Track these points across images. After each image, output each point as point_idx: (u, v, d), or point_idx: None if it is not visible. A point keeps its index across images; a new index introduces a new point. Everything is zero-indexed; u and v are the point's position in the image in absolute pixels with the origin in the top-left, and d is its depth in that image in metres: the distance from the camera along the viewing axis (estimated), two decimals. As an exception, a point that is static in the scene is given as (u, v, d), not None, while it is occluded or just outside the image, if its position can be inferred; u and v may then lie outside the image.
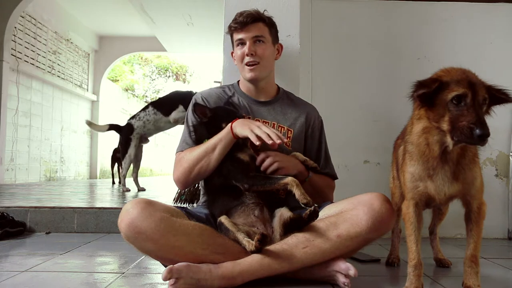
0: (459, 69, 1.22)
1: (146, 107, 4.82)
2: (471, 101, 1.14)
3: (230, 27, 1.72)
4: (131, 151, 4.69)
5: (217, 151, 1.51)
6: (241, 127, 1.48)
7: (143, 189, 4.91)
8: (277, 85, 1.85)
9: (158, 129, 4.86)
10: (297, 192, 1.37)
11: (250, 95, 1.77)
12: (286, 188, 1.41)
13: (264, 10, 1.75)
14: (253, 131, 1.44)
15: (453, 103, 1.15)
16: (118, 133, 4.89)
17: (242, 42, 1.69)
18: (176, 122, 4.77)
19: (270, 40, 1.73)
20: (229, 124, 1.52)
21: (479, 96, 1.16)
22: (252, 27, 1.67)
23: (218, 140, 1.51)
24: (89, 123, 4.95)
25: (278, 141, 1.40)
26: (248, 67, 1.68)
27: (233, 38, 1.74)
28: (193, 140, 1.65)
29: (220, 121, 1.58)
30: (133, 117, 4.83)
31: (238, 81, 1.84)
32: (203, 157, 1.53)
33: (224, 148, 1.51)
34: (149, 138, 4.94)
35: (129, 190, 4.64)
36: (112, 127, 4.98)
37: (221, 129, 1.55)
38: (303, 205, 1.37)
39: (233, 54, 1.80)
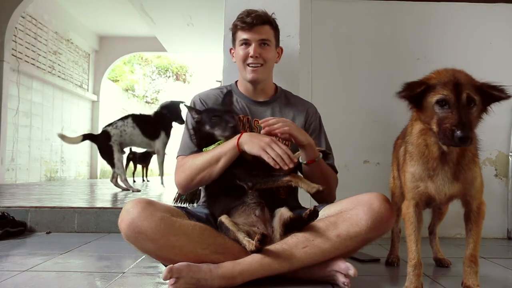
0: (450, 70, 1.22)
1: (126, 117, 4.83)
2: (455, 103, 1.15)
3: (236, 25, 1.70)
4: (117, 155, 4.62)
5: (221, 164, 1.50)
6: (250, 145, 1.45)
7: (128, 189, 4.92)
8: (275, 84, 1.86)
9: (132, 143, 4.83)
10: (303, 185, 1.39)
11: (248, 95, 1.77)
12: (290, 184, 1.41)
13: (272, 13, 1.74)
14: (265, 151, 1.42)
15: (438, 105, 1.17)
16: (94, 142, 4.84)
17: (247, 43, 1.68)
18: (158, 152, 4.81)
19: (274, 44, 1.73)
20: (235, 139, 1.49)
21: (463, 98, 1.16)
22: (260, 29, 1.67)
23: (223, 154, 1.50)
24: (62, 136, 4.86)
25: (291, 165, 1.40)
26: (251, 68, 1.68)
27: (236, 36, 1.73)
28: (194, 144, 1.65)
29: (204, 126, 1.59)
30: (109, 125, 4.80)
31: (236, 82, 1.84)
32: (206, 167, 1.52)
33: (228, 161, 1.50)
34: (124, 150, 4.90)
35: (139, 191, 4.59)
36: (87, 137, 4.95)
37: (204, 133, 1.57)
38: (313, 193, 1.36)
39: (233, 52, 1.80)
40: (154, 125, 4.79)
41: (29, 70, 6.92)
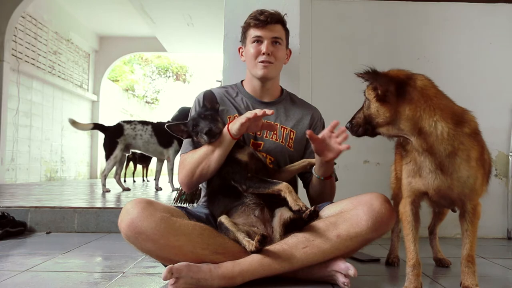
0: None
1: (147, 123, 4.86)
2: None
3: (249, 23, 1.71)
4: (117, 153, 4.63)
5: (216, 153, 1.51)
6: (233, 123, 1.49)
7: (128, 189, 4.92)
8: (280, 86, 1.86)
9: (144, 149, 4.87)
10: (290, 199, 1.37)
11: (255, 95, 1.77)
12: (279, 194, 1.40)
13: (285, 14, 1.75)
14: (242, 120, 1.45)
15: None
16: (103, 132, 4.85)
17: (259, 40, 1.69)
18: (169, 159, 4.89)
19: (284, 44, 1.75)
20: (226, 126, 1.53)
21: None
22: (273, 27, 1.69)
23: (218, 142, 1.52)
24: (73, 122, 4.88)
25: (269, 112, 1.42)
26: (262, 65, 1.69)
27: (247, 34, 1.73)
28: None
29: (192, 137, 1.60)
30: (128, 122, 4.82)
31: (242, 81, 1.84)
32: (203, 159, 1.53)
33: (223, 150, 1.51)
34: (130, 150, 4.94)
35: (109, 191, 4.54)
36: (97, 126, 4.98)
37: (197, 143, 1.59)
38: (295, 212, 1.36)
39: (241, 51, 1.80)
40: (168, 133, 4.81)
41: (29, 70, 6.93)
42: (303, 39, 2.29)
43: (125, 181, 7.12)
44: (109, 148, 4.66)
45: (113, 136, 4.67)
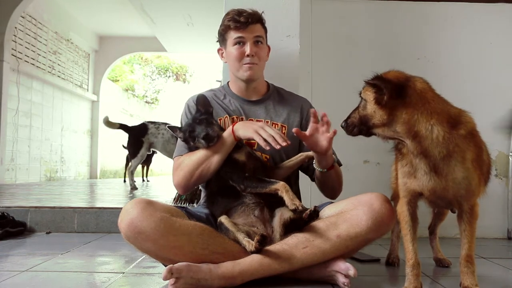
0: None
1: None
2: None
3: (228, 25, 1.68)
4: (143, 151, 4.80)
5: (218, 154, 1.51)
6: (244, 129, 1.49)
7: (136, 188, 4.99)
8: (266, 82, 1.85)
9: (162, 148, 5.00)
10: (286, 198, 1.37)
11: (242, 95, 1.77)
12: (276, 193, 1.40)
13: (262, 12, 1.74)
14: (258, 133, 1.45)
15: None
16: (127, 132, 4.99)
17: (241, 41, 1.67)
18: None
19: (265, 42, 1.74)
20: (230, 127, 1.52)
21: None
22: (254, 27, 1.67)
23: (219, 144, 1.51)
24: (107, 121, 5.05)
25: (283, 144, 1.42)
26: (247, 66, 1.68)
27: (227, 36, 1.70)
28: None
29: (189, 143, 1.59)
30: (152, 123, 5.00)
31: (228, 82, 1.83)
32: (203, 160, 1.53)
33: (225, 151, 1.52)
34: (151, 150, 5.08)
35: (137, 188, 4.75)
36: (122, 127, 5.11)
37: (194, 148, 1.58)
38: (291, 211, 1.36)
39: (222, 52, 1.78)
40: None
41: (29, 70, 6.92)
42: (303, 39, 2.29)
43: (124, 181, 7.13)
44: (134, 146, 4.83)
45: (139, 135, 4.84)
